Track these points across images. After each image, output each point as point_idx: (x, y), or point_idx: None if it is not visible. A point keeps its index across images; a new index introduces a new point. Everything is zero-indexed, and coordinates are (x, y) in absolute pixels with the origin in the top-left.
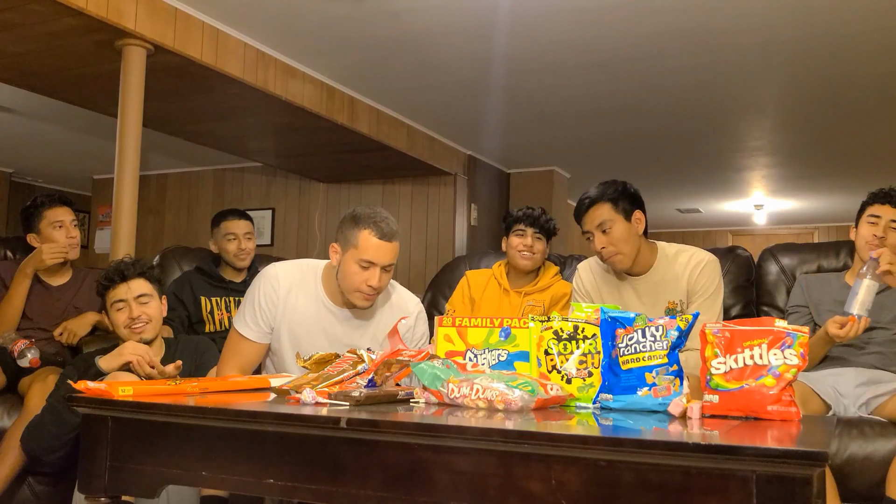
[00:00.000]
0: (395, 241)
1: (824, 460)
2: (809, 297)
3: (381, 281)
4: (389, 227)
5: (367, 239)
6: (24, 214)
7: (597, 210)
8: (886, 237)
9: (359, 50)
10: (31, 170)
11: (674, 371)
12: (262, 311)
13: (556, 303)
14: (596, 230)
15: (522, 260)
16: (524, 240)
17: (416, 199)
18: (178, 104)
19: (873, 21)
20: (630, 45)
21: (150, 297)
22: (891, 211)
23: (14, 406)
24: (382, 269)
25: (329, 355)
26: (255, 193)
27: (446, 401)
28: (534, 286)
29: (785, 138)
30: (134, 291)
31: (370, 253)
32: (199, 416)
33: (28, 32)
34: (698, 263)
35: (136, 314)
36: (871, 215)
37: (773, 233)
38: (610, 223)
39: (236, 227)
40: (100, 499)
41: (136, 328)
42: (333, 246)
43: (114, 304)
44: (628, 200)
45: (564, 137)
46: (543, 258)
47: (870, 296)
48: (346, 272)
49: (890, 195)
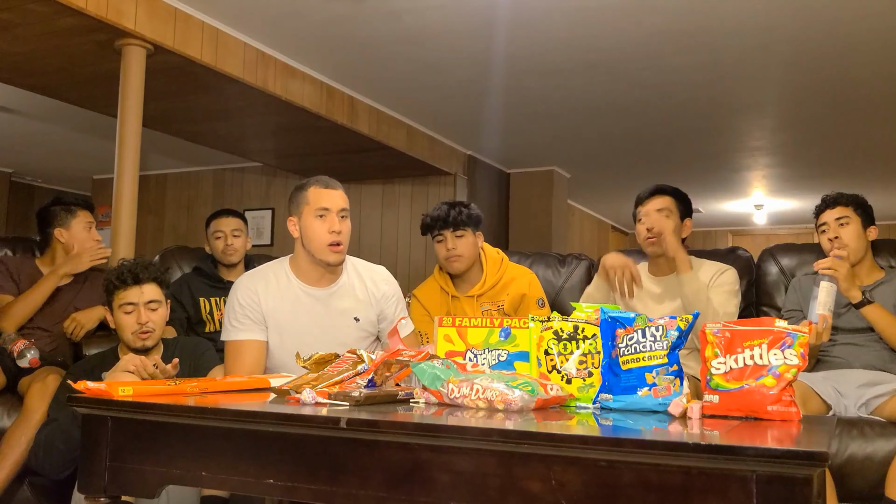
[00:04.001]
0: (339, 189)
1: (824, 460)
2: (802, 297)
3: (342, 226)
4: (331, 180)
5: (316, 192)
6: (51, 210)
7: (662, 198)
8: (840, 235)
9: (359, 50)
10: (31, 170)
11: (674, 371)
12: (244, 309)
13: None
14: (654, 213)
15: (454, 264)
16: (445, 244)
17: (416, 199)
18: (178, 104)
19: (873, 21)
20: (630, 45)
21: (159, 304)
22: (833, 212)
23: (14, 406)
24: (339, 216)
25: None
26: (255, 193)
27: (446, 401)
28: (482, 286)
29: (785, 138)
30: (146, 296)
31: (322, 201)
32: (199, 416)
33: (28, 32)
34: (719, 269)
35: (145, 320)
36: (819, 225)
37: (773, 233)
38: (668, 212)
39: (223, 225)
40: (100, 499)
41: (143, 335)
42: (290, 220)
43: (122, 306)
44: (685, 204)
45: (564, 137)
46: (477, 250)
47: (829, 296)
48: (309, 233)
49: (825, 201)
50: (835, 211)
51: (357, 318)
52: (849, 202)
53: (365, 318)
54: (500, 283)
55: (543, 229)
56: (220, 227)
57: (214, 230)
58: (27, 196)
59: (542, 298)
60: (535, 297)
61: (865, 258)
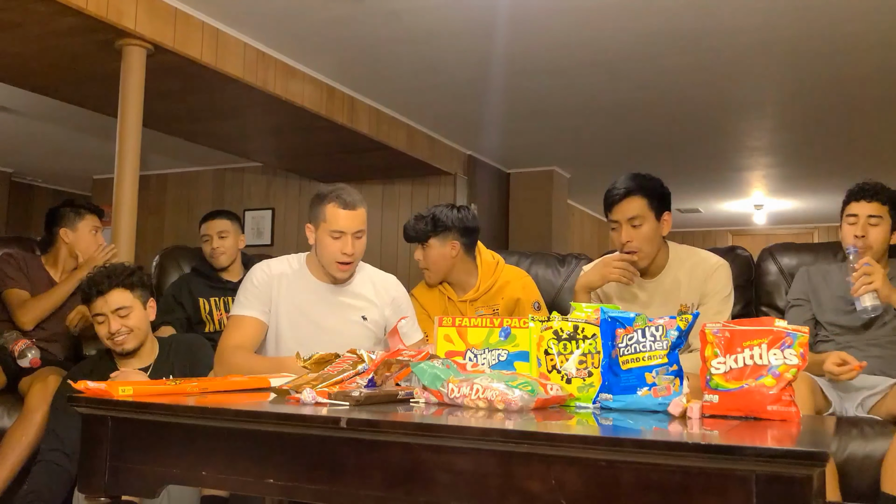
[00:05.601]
0: (359, 209)
1: (824, 460)
2: (811, 288)
3: (355, 247)
4: (352, 197)
5: (333, 211)
6: (60, 211)
7: (631, 202)
8: (867, 235)
9: (359, 50)
10: (31, 170)
11: (674, 371)
12: (256, 290)
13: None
14: (625, 223)
15: (425, 274)
16: (417, 255)
17: (416, 199)
18: (178, 104)
19: (873, 21)
20: (630, 45)
21: (128, 309)
22: (867, 206)
23: (14, 406)
24: (353, 237)
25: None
26: (255, 193)
27: (446, 401)
28: (476, 291)
29: (785, 138)
30: (111, 305)
31: (339, 223)
32: (199, 416)
33: (28, 32)
34: (712, 266)
35: (115, 328)
36: (849, 214)
37: (773, 233)
38: (641, 220)
39: (209, 228)
40: (100, 499)
41: (118, 341)
42: (308, 226)
43: (95, 317)
44: (661, 200)
45: (564, 137)
46: (449, 259)
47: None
48: (321, 247)
49: (865, 190)
50: (871, 206)
51: (365, 317)
52: (887, 200)
53: (372, 319)
54: (495, 288)
55: (543, 229)
56: (206, 231)
57: (202, 234)
58: (27, 196)
59: (538, 301)
60: (530, 300)
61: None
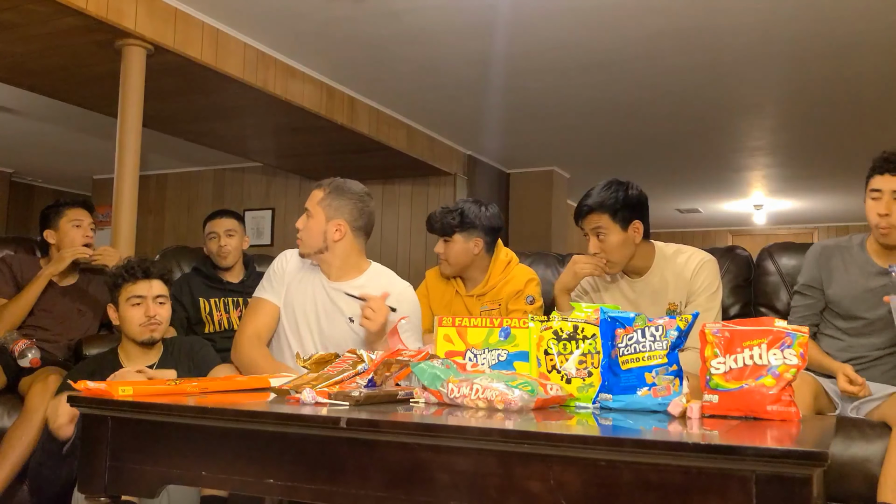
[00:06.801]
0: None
1: (824, 460)
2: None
3: None
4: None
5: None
6: (44, 213)
7: (594, 217)
8: (891, 213)
9: (359, 50)
10: (31, 170)
11: (673, 371)
12: (275, 275)
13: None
14: (591, 234)
15: (442, 266)
16: (438, 248)
17: (416, 199)
18: (178, 104)
19: (873, 21)
20: (630, 45)
21: (165, 300)
22: (892, 181)
23: (14, 406)
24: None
25: (329, 355)
26: (255, 193)
27: (446, 401)
28: (484, 286)
29: (785, 138)
30: (154, 290)
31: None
32: (199, 416)
33: (28, 32)
34: (697, 263)
35: (153, 313)
36: (872, 189)
37: (773, 233)
38: (605, 232)
39: (216, 226)
40: (100, 499)
41: (151, 326)
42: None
43: (130, 299)
44: (628, 209)
45: (564, 137)
46: (470, 256)
47: None
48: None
49: (890, 161)
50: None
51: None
52: None
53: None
54: (501, 284)
55: (543, 229)
56: (213, 229)
57: (209, 231)
58: (27, 196)
59: (532, 296)
60: (528, 293)
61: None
